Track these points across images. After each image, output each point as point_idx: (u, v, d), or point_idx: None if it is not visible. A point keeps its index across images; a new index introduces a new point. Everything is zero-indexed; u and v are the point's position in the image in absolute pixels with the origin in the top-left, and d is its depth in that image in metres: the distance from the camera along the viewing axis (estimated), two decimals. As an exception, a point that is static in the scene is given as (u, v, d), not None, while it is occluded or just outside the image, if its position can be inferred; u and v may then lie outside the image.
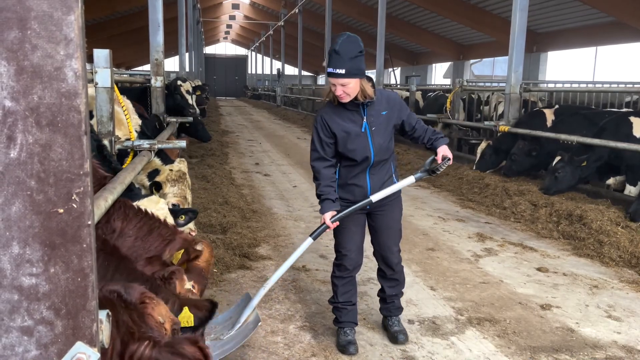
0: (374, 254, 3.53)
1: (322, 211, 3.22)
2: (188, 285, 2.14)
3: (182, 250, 2.36)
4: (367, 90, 3.11)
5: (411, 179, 3.33)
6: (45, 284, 1.06)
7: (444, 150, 3.30)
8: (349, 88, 3.03)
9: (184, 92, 7.93)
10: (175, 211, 3.77)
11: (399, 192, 3.39)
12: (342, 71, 2.97)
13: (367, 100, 3.13)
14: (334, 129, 3.17)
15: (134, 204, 3.40)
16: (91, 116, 4.73)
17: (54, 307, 1.07)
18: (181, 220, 3.84)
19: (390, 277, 3.51)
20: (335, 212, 3.21)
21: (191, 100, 8.13)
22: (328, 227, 3.22)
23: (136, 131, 5.38)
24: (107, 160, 3.96)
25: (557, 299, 4.28)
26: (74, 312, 1.08)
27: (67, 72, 1.01)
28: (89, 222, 1.07)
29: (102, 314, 1.15)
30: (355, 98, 3.11)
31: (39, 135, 1.02)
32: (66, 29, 1.00)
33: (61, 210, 1.05)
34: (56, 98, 1.02)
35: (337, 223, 3.22)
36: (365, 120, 3.17)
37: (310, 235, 3.25)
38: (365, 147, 3.17)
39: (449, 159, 3.28)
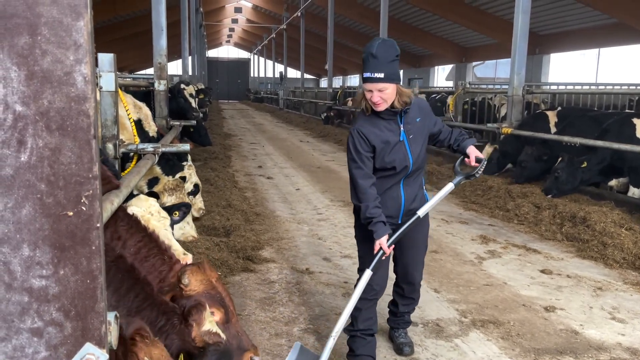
0: (396, 270, 3.38)
1: (377, 235, 2.91)
2: (208, 325, 1.94)
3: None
4: (404, 95, 2.94)
5: (450, 186, 3.11)
6: (54, 286, 1.08)
7: (475, 152, 3.14)
8: (386, 94, 2.86)
9: (187, 96, 7.95)
10: (168, 208, 3.79)
11: None
12: (381, 75, 2.79)
13: (405, 108, 2.96)
14: (372, 141, 2.95)
15: (125, 205, 3.38)
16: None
17: (64, 309, 1.08)
18: (175, 216, 3.86)
19: (409, 295, 3.39)
20: (388, 236, 2.95)
21: (194, 103, 8.16)
22: (385, 253, 2.94)
23: (154, 137, 5.42)
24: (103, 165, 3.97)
25: (561, 301, 4.28)
26: (83, 313, 1.10)
27: (76, 77, 1.03)
28: (98, 225, 1.09)
29: (111, 316, 1.16)
30: (392, 106, 2.93)
31: (49, 139, 1.04)
32: (76, 34, 1.01)
33: (70, 213, 1.07)
34: (66, 102, 1.04)
35: (393, 247, 2.99)
36: (402, 128, 2.99)
37: (368, 268, 2.94)
38: (404, 157, 3.00)
39: (484, 160, 3.11)
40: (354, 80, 46.98)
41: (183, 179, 5.41)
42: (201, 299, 1.96)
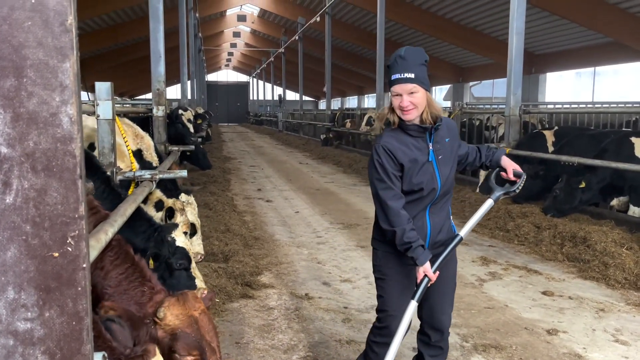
0: (421, 315, 2.95)
1: (420, 261, 2.60)
2: None
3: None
4: (434, 107, 2.65)
5: (489, 203, 2.88)
6: (40, 329, 1.06)
7: (511, 164, 2.89)
8: (417, 98, 2.57)
9: (186, 121, 8.01)
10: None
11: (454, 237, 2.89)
12: (412, 75, 2.54)
13: (436, 124, 2.68)
14: (400, 158, 2.65)
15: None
16: (93, 148, 4.78)
17: (49, 352, 1.07)
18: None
19: (435, 344, 2.94)
20: (430, 261, 2.64)
21: (192, 128, 8.21)
22: (431, 280, 2.63)
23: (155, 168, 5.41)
24: (116, 192, 4.03)
25: (563, 324, 4.23)
26: (68, 356, 1.08)
27: (62, 118, 1.03)
28: (84, 265, 1.07)
29: (98, 357, 1.14)
30: (421, 120, 2.65)
31: (35, 180, 1.03)
32: (62, 76, 1.02)
33: (56, 254, 1.06)
34: (51, 143, 1.04)
35: (438, 273, 2.66)
36: (431, 147, 2.70)
37: (413, 299, 2.64)
38: (432, 178, 2.70)
39: (524, 175, 2.86)
40: (352, 102, 47.30)
41: (171, 215, 4.68)
42: (150, 345, 1.81)
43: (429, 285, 2.65)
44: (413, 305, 2.64)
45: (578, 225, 6.40)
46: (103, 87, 4.41)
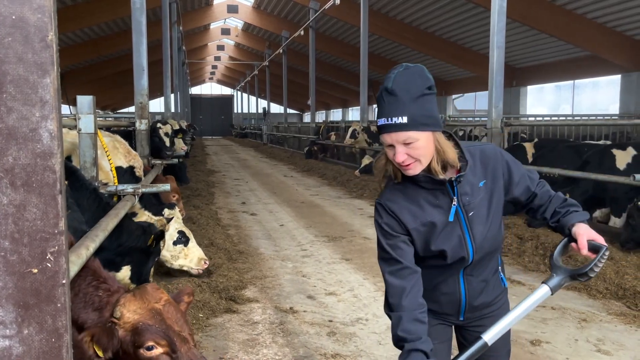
0: None
1: None
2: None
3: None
4: (448, 153, 1.84)
5: (544, 290, 1.91)
6: (18, 346, 1.05)
7: (587, 233, 1.94)
8: (416, 149, 1.79)
9: (162, 135, 8.02)
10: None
11: (505, 293, 2.19)
12: (404, 119, 1.75)
13: (458, 176, 1.88)
14: (407, 222, 1.91)
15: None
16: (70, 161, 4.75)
17: (27, 370, 1.05)
18: None
19: None
20: None
21: (168, 142, 8.20)
22: None
23: None
24: (105, 202, 4.04)
25: (546, 334, 4.26)
26: (47, 374, 1.06)
27: (42, 133, 1.03)
28: (64, 281, 1.06)
29: (78, 374, 1.13)
30: (428, 170, 1.86)
31: (14, 195, 1.03)
32: (42, 91, 1.02)
33: (35, 270, 1.05)
34: (31, 159, 1.03)
35: None
36: (455, 202, 1.91)
37: None
38: (459, 245, 1.93)
39: (605, 249, 1.89)
40: (336, 115, 47.57)
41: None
42: None
43: None
44: None
45: (560, 236, 6.46)
46: (85, 101, 4.39)
